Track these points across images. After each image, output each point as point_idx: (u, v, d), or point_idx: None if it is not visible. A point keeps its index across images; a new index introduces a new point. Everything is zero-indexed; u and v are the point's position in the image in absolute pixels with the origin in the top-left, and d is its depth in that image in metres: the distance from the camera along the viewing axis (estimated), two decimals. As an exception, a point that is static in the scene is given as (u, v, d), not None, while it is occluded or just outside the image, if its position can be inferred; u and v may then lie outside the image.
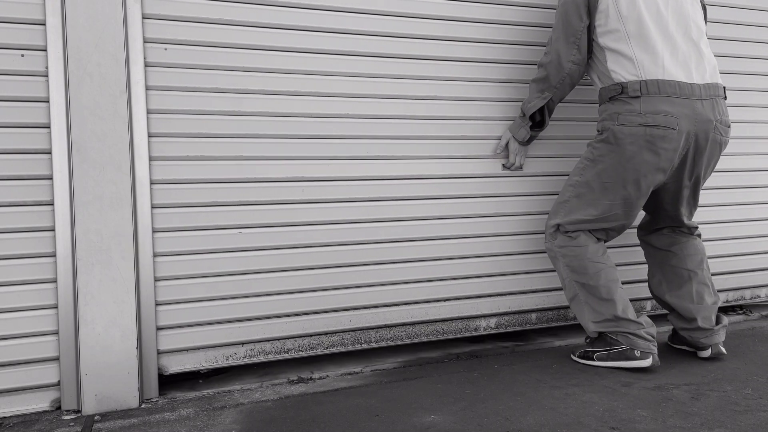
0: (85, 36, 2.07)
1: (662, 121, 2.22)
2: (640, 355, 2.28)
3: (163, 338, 2.22)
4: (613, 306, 2.33)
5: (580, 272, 2.38)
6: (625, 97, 2.27)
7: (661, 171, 2.30)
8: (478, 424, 1.82)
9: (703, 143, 2.29)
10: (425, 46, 2.58)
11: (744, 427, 1.73)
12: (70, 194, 2.07)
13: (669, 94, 2.23)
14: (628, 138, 2.26)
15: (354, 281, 2.48)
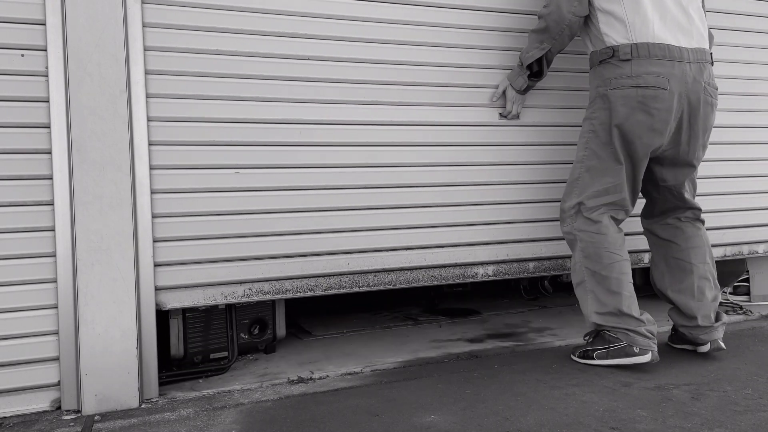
0: (85, 36, 2.07)
1: (653, 81, 2.28)
2: (639, 351, 2.28)
3: (161, 275, 2.20)
4: (619, 300, 2.33)
5: (594, 260, 2.38)
6: (615, 61, 2.33)
7: (657, 133, 2.33)
8: (478, 424, 1.82)
9: (696, 104, 2.35)
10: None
11: (744, 427, 1.73)
12: (70, 194, 2.07)
13: (658, 57, 2.29)
14: (621, 100, 2.31)
15: (352, 225, 2.48)
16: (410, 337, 2.97)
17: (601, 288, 2.36)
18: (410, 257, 2.58)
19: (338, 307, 3.88)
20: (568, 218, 2.47)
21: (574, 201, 2.45)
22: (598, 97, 2.40)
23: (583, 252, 2.41)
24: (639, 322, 2.31)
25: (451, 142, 2.65)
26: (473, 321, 3.32)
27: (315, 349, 2.80)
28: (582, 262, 2.41)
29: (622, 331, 2.32)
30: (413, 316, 3.48)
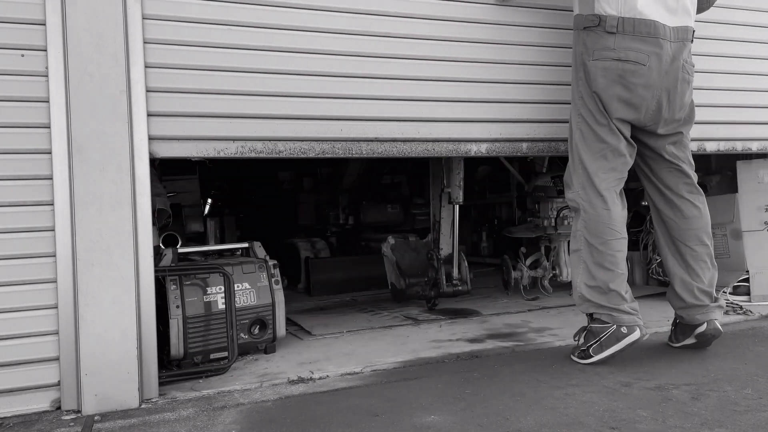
0: (85, 36, 2.07)
1: (633, 56, 2.34)
2: (627, 330, 2.34)
3: (155, 124, 2.19)
4: (611, 276, 2.37)
5: (594, 233, 2.41)
6: (600, 30, 2.37)
7: (633, 107, 2.38)
8: (478, 424, 1.82)
9: (674, 82, 2.40)
10: None
11: (744, 427, 1.73)
12: (70, 194, 2.07)
13: (642, 34, 2.34)
14: (600, 71, 2.37)
15: (346, 92, 2.49)
16: (410, 337, 2.97)
17: (595, 262, 2.40)
18: (403, 128, 2.59)
19: (338, 307, 3.89)
20: (575, 187, 2.48)
21: (580, 176, 2.46)
22: (581, 65, 2.44)
23: (585, 222, 2.44)
24: (622, 299, 2.37)
25: (449, 17, 2.66)
26: (473, 321, 3.32)
27: (315, 349, 2.80)
28: (582, 231, 2.45)
29: (605, 312, 2.37)
30: (413, 316, 3.48)
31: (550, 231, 3.73)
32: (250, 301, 2.66)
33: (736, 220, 3.54)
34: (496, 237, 6.17)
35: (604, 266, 2.39)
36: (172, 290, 2.46)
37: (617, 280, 2.38)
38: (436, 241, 3.45)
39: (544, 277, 3.87)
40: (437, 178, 3.41)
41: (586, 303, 2.44)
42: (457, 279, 3.37)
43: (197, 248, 3.19)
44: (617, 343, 2.34)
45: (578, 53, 2.46)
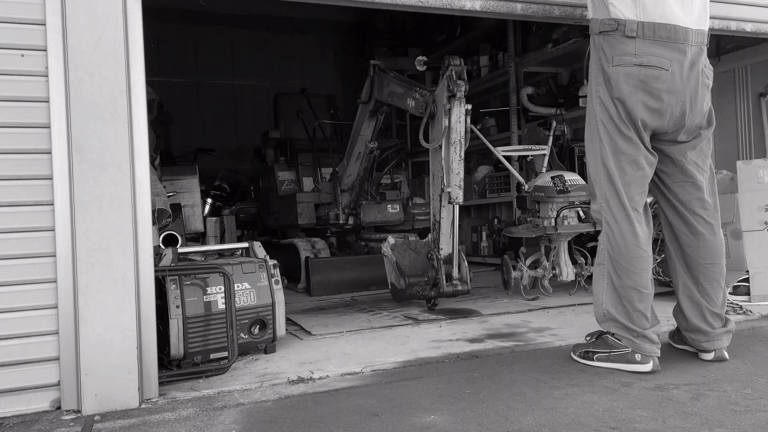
0: (85, 36, 2.07)
1: (656, 61, 2.27)
2: (641, 359, 2.26)
3: None
4: (637, 296, 2.30)
5: (618, 250, 2.33)
6: (618, 35, 2.30)
7: (658, 114, 2.31)
8: (478, 424, 1.82)
9: (695, 87, 2.34)
10: None
11: (744, 427, 1.73)
12: (70, 194, 2.06)
13: (663, 38, 2.28)
14: (623, 78, 2.29)
15: None
16: (410, 337, 2.97)
17: (620, 278, 2.32)
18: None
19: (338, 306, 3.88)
20: (599, 199, 2.40)
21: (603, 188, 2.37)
22: (599, 71, 2.36)
23: (608, 237, 2.36)
24: (647, 320, 2.29)
25: None
26: (473, 321, 3.32)
27: (315, 349, 2.80)
28: (606, 246, 2.37)
29: (627, 337, 2.29)
30: (413, 316, 3.47)
31: (550, 231, 3.73)
32: (250, 301, 2.66)
33: (736, 220, 3.53)
34: (496, 237, 6.18)
35: (629, 285, 2.31)
36: (172, 290, 2.46)
37: (644, 300, 2.31)
38: (436, 241, 3.45)
39: (544, 277, 3.87)
40: (437, 178, 3.41)
41: (609, 321, 2.37)
42: (457, 279, 3.36)
43: (197, 248, 3.19)
44: (625, 364, 2.29)
45: (596, 59, 2.38)
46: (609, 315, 2.36)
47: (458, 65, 3.25)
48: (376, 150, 4.42)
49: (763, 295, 3.46)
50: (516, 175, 4.26)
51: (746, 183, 3.55)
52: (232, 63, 9.17)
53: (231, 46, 9.17)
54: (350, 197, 4.92)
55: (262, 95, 9.14)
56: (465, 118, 3.26)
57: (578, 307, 3.59)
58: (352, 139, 4.53)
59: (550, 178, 3.81)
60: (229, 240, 5.82)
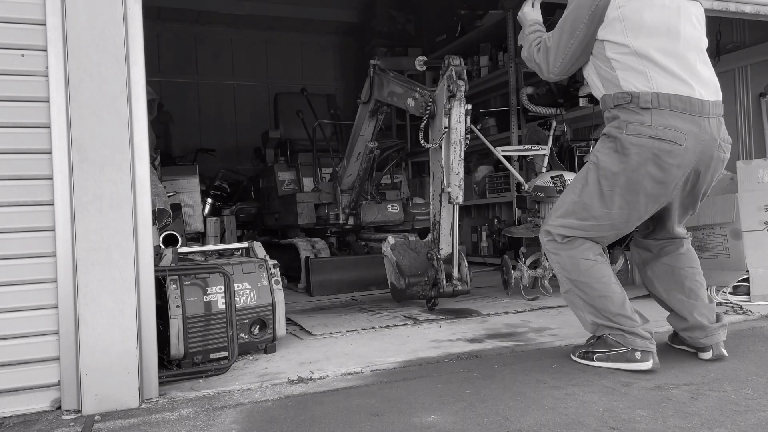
0: (85, 36, 2.07)
1: (671, 135, 2.19)
2: (640, 357, 2.27)
3: None
4: (609, 302, 2.33)
5: (572, 269, 2.37)
6: (634, 107, 2.22)
7: (664, 187, 2.26)
8: (478, 423, 1.82)
9: (708, 162, 2.28)
10: None
11: (744, 427, 1.73)
12: (70, 194, 2.06)
13: (679, 110, 2.20)
14: (635, 148, 2.21)
15: None
16: (410, 337, 2.97)
17: (588, 295, 2.36)
18: None
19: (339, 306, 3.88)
20: (546, 237, 2.44)
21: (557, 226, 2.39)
22: (610, 137, 2.29)
23: (560, 265, 2.41)
24: (633, 322, 2.31)
25: None
26: (473, 321, 3.32)
27: (315, 349, 2.80)
28: (562, 273, 2.42)
29: (619, 333, 2.31)
30: (413, 316, 3.47)
31: (550, 231, 3.73)
32: (250, 301, 2.66)
33: (736, 220, 3.54)
34: (496, 237, 6.19)
35: (598, 294, 2.34)
36: (172, 290, 2.46)
37: (617, 302, 2.32)
38: (436, 241, 3.45)
39: (544, 277, 3.87)
40: (437, 178, 3.41)
41: (599, 327, 2.38)
42: (457, 279, 3.36)
43: (197, 248, 3.19)
44: (625, 363, 2.29)
45: (609, 126, 2.31)
46: (597, 323, 2.38)
47: (458, 65, 3.25)
48: (376, 150, 4.42)
49: (763, 295, 3.46)
50: (516, 175, 4.27)
51: (746, 183, 3.55)
52: (232, 63, 9.17)
53: (231, 46, 9.17)
54: (350, 197, 4.92)
55: (262, 95, 9.14)
56: (465, 118, 3.26)
57: (578, 307, 3.59)
58: (352, 139, 4.53)
59: (550, 178, 3.81)
60: (229, 240, 5.82)
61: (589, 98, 4.88)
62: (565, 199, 2.44)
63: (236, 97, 9.15)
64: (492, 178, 6.17)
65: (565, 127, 4.90)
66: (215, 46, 9.06)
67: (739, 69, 4.46)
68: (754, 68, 4.40)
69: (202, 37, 8.97)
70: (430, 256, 3.48)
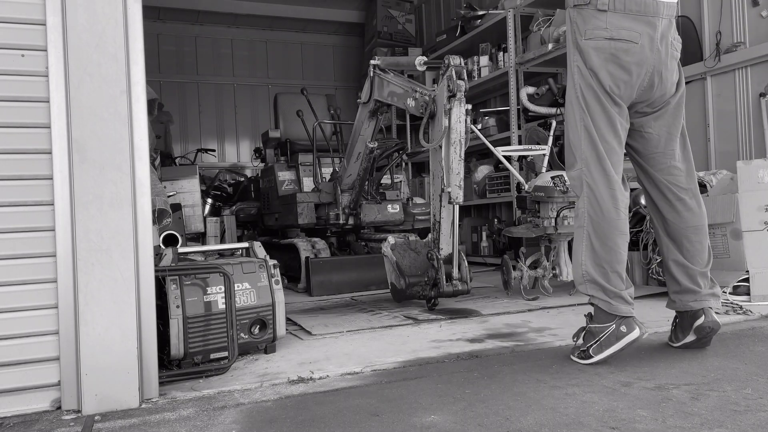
0: (85, 36, 2.07)
1: (626, 35, 2.34)
2: (626, 329, 2.33)
3: None
4: (615, 257, 2.37)
5: (598, 213, 2.39)
6: (591, 9, 2.37)
7: (628, 86, 2.39)
8: (478, 424, 1.82)
9: (664, 59, 2.41)
10: None
11: (744, 427, 1.73)
12: (71, 194, 2.06)
13: (634, 12, 2.35)
14: (593, 51, 2.37)
15: None
16: (410, 337, 2.97)
17: (600, 240, 2.39)
18: None
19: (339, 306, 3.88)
20: (578, 164, 2.46)
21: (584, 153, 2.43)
22: (574, 45, 2.45)
23: (588, 201, 2.42)
24: (622, 283, 2.37)
25: None
26: (473, 321, 3.32)
27: (315, 349, 2.80)
28: (586, 208, 2.43)
29: (604, 299, 2.36)
30: (413, 316, 3.48)
31: (550, 231, 3.73)
32: (250, 301, 2.66)
33: (736, 220, 3.54)
34: (496, 237, 6.19)
35: (608, 245, 2.38)
36: (172, 290, 2.46)
37: (621, 262, 2.39)
38: (436, 241, 3.45)
39: (544, 277, 3.88)
40: (437, 178, 3.41)
41: (587, 283, 2.42)
42: (457, 279, 3.36)
43: (197, 248, 3.19)
44: (617, 342, 2.34)
45: (571, 32, 2.47)
46: (588, 276, 2.41)
47: (458, 65, 3.25)
48: (376, 150, 4.42)
49: (763, 295, 3.46)
50: (516, 175, 4.27)
51: (746, 183, 3.55)
52: (232, 63, 9.17)
53: (231, 46, 9.18)
54: (350, 197, 4.92)
55: (262, 95, 9.14)
56: (465, 118, 3.27)
57: (578, 307, 3.59)
58: (352, 139, 4.53)
59: (550, 178, 3.82)
60: (229, 240, 5.83)
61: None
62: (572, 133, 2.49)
63: (236, 97, 9.16)
64: (492, 178, 6.17)
65: (565, 127, 4.90)
66: (215, 46, 9.07)
67: (739, 69, 4.46)
68: (754, 68, 4.40)
69: (202, 37, 8.98)
70: (430, 256, 3.48)
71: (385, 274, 3.91)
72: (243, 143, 9.17)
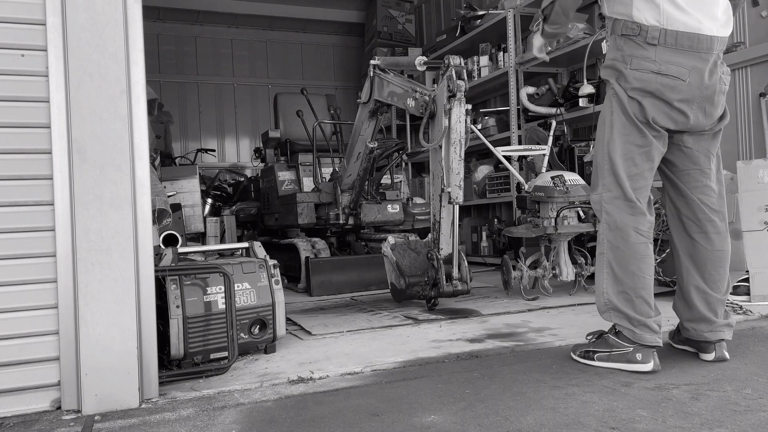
0: (85, 36, 2.07)
1: (674, 71, 2.22)
2: (641, 358, 2.26)
3: None
4: (639, 282, 2.28)
5: (618, 238, 2.31)
6: (640, 41, 2.25)
7: (669, 119, 2.28)
8: (478, 424, 1.82)
9: (711, 95, 2.29)
10: None
11: (744, 427, 1.73)
12: (70, 194, 2.07)
13: (685, 47, 2.22)
14: (638, 83, 2.26)
15: None
16: (410, 337, 2.97)
17: (621, 266, 2.30)
18: None
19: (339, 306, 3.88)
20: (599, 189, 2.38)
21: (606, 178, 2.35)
22: (615, 70, 2.33)
23: (608, 226, 2.34)
24: (650, 309, 2.28)
25: None
26: (473, 321, 3.32)
27: (315, 349, 2.80)
28: (605, 234, 2.35)
29: (628, 327, 2.28)
30: (413, 316, 3.47)
31: (550, 231, 3.73)
32: (250, 301, 2.66)
33: (736, 220, 3.53)
34: (496, 237, 6.19)
35: (630, 270, 2.28)
36: (172, 290, 2.46)
37: (646, 287, 2.28)
38: (436, 241, 3.45)
39: (544, 277, 3.87)
40: (437, 178, 3.41)
41: (611, 311, 2.34)
42: (457, 279, 3.36)
43: (197, 248, 3.19)
44: (625, 364, 2.28)
45: (611, 57, 2.36)
46: (611, 304, 2.34)
47: (458, 65, 3.25)
48: (376, 150, 4.42)
49: (763, 295, 3.46)
50: (516, 175, 4.27)
51: (746, 183, 3.54)
52: (232, 63, 9.18)
53: (231, 46, 9.18)
54: (350, 197, 4.92)
55: (262, 95, 9.14)
56: (465, 118, 3.26)
57: (578, 307, 3.59)
58: (352, 139, 4.53)
59: (550, 178, 3.82)
60: (229, 240, 5.82)
61: (589, 98, 4.88)
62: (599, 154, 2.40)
63: (236, 97, 9.16)
64: (492, 178, 6.17)
65: (565, 127, 4.90)
66: (215, 46, 9.07)
67: (739, 69, 4.46)
68: (754, 68, 4.39)
69: (202, 37, 8.98)
70: (430, 256, 3.48)
71: (385, 274, 3.91)
72: (243, 143, 9.17)
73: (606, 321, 2.41)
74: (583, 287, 3.97)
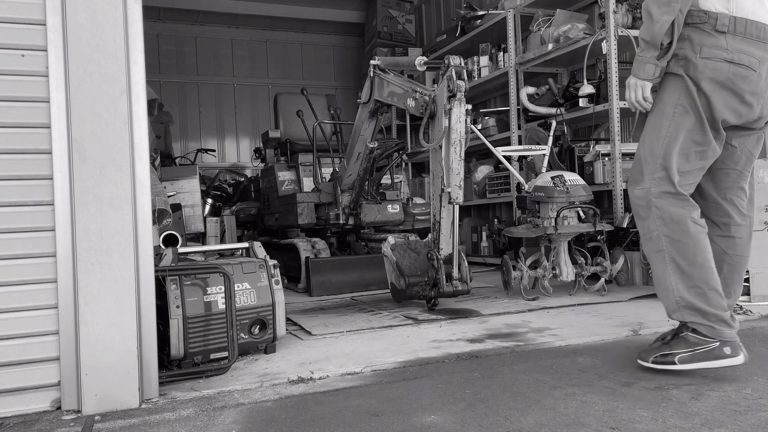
0: (85, 36, 2.07)
1: (746, 60, 2.15)
2: (730, 352, 2.12)
3: None
4: (709, 272, 2.17)
5: (675, 228, 2.18)
6: (708, 28, 2.16)
7: (737, 114, 2.22)
8: (478, 424, 1.82)
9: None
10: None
11: (744, 427, 1.73)
12: (71, 194, 2.07)
13: (754, 37, 2.16)
14: (710, 72, 2.16)
15: None
16: (410, 337, 2.97)
17: (685, 260, 2.18)
18: None
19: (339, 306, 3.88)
20: (645, 183, 2.25)
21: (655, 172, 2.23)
22: (684, 60, 2.21)
23: (663, 221, 2.20)
24: (722, 299, 2.18)
25: None
26: (473, 321, 3.32)
27: (315, 349, 2.80)
28: (660, 230, 2.21)
29: (706, 323, 2.15)
30: (413, 316, 3.47)
31: (550, 231, 3.73)
32: (250, 301, 2.66)
33: (736, 220, 3.53)
34: (496, 237, 6.19)
35: (698, 263, 2.16)
36: (172, 290, 2.46)
37: (716, 278, 2.18)
38: (436, 241, 3.45)
39: (544, 277, 3.87)
40: (437, 178, 3.41)
41: (682, 310, 2.19)
42: (457, 279, 3.36)
43: (197, 248, 3.19)
44: (715, 361, 2.13)
45: (679, 47, 2.22)
46: (683, 302, 2.19)
47: (458, 65, 3.25)
48: (376, 150, 4.42)
49: (763, 295, 3.47)
50: (516, 175, 4.27)
51: (746, 183, 3.54)
52: (231, 63, 9.18)
53: (231, 46, 9.18)
54: (350, 197, 4.92)
55: (262, 95, 9.14)
56: (465, 118, 3.27)
57: (578, 307, 3.60)
58: (352, 139, 4.53)
59: (550, 178, 3.82)
60: (230, 240, 5.82)
61: (589, 98, 4.88)
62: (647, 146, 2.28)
63: (236, 97, 9.16)
64: (492, 178, 6.17)
65: (565, 127, 4.90)
66: (215, 47, 9.07)
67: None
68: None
69: (202, 37, 8.98)
70: (430, 256, 3.48)
71: (385, 274, 3.91)
72: (243, 143, 9.17)
73: (678, 320, 2.26)
74: (583, 287, 3.96)
